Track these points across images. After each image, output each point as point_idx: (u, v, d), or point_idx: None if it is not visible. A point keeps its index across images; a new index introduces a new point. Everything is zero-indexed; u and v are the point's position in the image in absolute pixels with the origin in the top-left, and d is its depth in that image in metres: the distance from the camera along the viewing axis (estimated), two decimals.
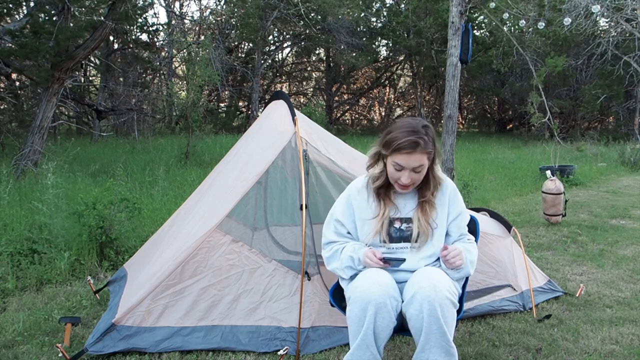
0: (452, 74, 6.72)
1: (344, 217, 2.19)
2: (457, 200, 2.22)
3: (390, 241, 2.12)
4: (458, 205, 2.21)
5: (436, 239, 2.14)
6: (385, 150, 2.05)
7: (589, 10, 11.69)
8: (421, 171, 2.04)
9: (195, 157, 10.04)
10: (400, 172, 2.03)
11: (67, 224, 4.18)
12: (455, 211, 2.20)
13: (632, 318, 3.08)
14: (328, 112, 21.66)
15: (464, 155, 12.63)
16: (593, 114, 20.67)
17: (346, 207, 2.19)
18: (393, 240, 2.12)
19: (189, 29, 20.93)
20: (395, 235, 2.13)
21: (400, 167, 2.02)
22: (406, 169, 2.02)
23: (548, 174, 6.05)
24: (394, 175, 2.06)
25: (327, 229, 2.24)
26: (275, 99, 3.35)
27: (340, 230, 2.20)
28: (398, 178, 2.04)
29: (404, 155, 1.99)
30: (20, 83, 13.92)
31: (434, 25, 17.64)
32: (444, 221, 2.17)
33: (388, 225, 2.12)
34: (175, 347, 2.56)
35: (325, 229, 2.25)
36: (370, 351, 1.95)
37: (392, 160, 2.03)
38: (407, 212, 2.14)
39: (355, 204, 2.17)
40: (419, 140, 1.98)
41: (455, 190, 2.22)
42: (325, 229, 2.25)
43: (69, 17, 7.69)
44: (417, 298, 1.90)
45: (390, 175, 2.08)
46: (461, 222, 2.23)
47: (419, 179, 2.06)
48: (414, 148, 1.98)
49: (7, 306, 3.25)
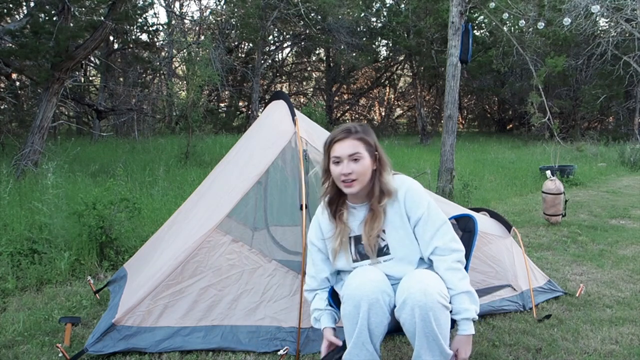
0: (452, 74, 6.73)
1: (316, 239, 2.20)
2: (415, 202, 2.07)
3: (362, 259, 2.11)
4: (418, 209, 2.06)
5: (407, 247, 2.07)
6: (326, 154, 2.09)
7: (589, 10, 11.68)
8: (360, 160, 2.02)
9: (195, 157, 10.04)
10: (339, 165, 2.03)
11: (67, 224, 4.18)
12: (416, 214, 2.06)
13: (632, 318, 3.08)
14: (328, 112, 21.65)
15: (464, 155, 12.63)
16: (593, 114, 20.68)
17: (317, 229, 2.20)
18: (364, 258, 2.11)
19: (189, 29, 20.92)
20: (363, 252, 2.11)
21: (338, 158, 2.03)
22: (343, 159, 2.02)
23: (548, 174, 6.05)
24: (335, 173, 2.04)
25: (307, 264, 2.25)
26: (275, 99, 3.35)
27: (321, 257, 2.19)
28: (339, 173, 2.02)
29: (338, 144, 2.04)
30: (20, 83, 13.94)
31: (434, 25, 17.62)
32: (406, 227, 2.07)
33: (354, 243, 2.12)
34: (175, 347, 2.56)
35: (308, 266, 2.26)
36: (366, 348, 1.95)
37: (331, 158, 2.05)
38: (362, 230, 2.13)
39: (322, 224, 2.18)
40: (350, 128, 2.06)
41: (411, 190, 2.08)
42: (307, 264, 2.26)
43: (69, 17, 7.69)
44: (408, 303, 1.88)
45: (335, 177, 2.05)
46: (426, 226, 2.05)
47: (361, 170, 2.01)
48: (346, 134, 2.04)
49: (7, 306, 3.25)
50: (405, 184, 2.10)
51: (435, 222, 2.07)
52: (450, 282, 2.00)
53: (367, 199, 2.10)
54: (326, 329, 2.12)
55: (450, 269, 2.01)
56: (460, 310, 1.98)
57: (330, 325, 2.13)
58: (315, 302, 2.18)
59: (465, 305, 1.98)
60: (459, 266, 2.03)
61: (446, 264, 2.02)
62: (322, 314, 2.14)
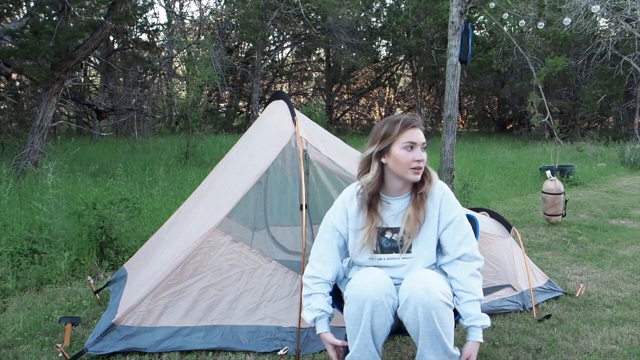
0: (452, 74, 6.73)
1: (341, 225, 2.13)
2: (450, 204, 2.10)
3: (382, 252, 2.10)
4: (451, 212, 2.09)
5: (429, 248, 2.08)
6: (385, 141, 2.02)
7: (589, 10, 11.68)
8: (425, 150, 2.06)
9: (195, 157, 10.04)
10: (412, 151, 2.01)
11: (67, 224, 4.18)
12: (447, 218, 2.08)
13: (632, 318, 3.08)
14: (328, 112, 21.65)
15: (464, 155, 12.63)
16: (593, 114, 20.68)
17: (343, 215, 2.13)
18: (384, 251, 2.10)
19: (189, 29, 20.91)
20: (386, 246, 2.10)
21: (412, 143, 2.01)
22: (417, 145, 2.02)
23: (548, 174, 6.05)
24: (406, 159, 2.00)
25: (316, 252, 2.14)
26: (275, 99, 3.35)
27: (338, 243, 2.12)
28: (412, 158, 2.00)
29: (412, 130, 2.02)
30: (20, 83, 13.94)
31: (434, 25, 17.63)
32: (434, 228, 2.08)
33: (378, 236, 2.09)
34: (175, 347, 2.56)
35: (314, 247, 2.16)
36: (369, 350, 1.95)
37: (402, 143, 2.01)
38: (397, 222, 2.09)
39: (350, 213, 2.12)
40: (417, 118, 2.06)
41: (448, 193, 2.12)
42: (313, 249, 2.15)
43: (69, 17, 7.69)
44: (411, 302, 1.88)
45: (402, 162, 2.01)
46: (457, 230, 2.08)
47: (426, 160, 2.05)
48: (418, 122, 2.05)
49: (7, 306, 3.25)
50: (442, 186, 2.14)
51: (464, 228, 2.11)
52: (471, 287, 2.03)
53: (408, 190, 2.09)
54: (327, 333, 2.06)
55: (473, 275, 2.06)
56: (479, 316, 2.01)
57: (328, 330, 2.08)
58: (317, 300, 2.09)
59: (479, 312, 2.02)
60: (479, 274, 2.08)
61: (471, 269, 2.06)
62: (323, 315, 2.07)
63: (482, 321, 2.01)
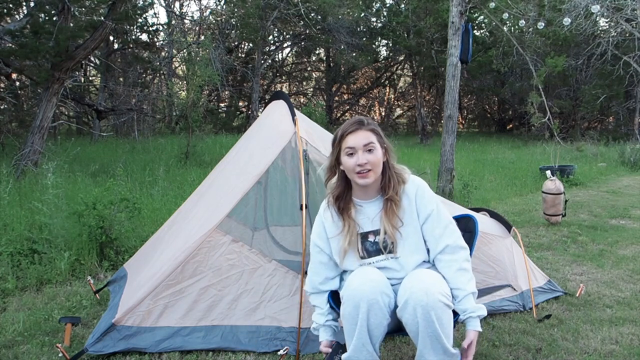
0: (452, 74, 6.74)
1: (320, 239, 2.17)
2: (425, 199, 2.11)
3: (369, 255, 2.11)
4: (427, 205, 2.10)
5: (415, 244, 2.09)
6: (336, 147, 2.08)
7: (589, 10, 11.68)
8: (373, 150, 2.03)
9: (195, 157, 10.04)
10: (353, 156, 2.03)
11: (67, 224, 4.18)
12: (425, 212, 2.10)
13: (632, 318, 3.08)
14: (328, 112, 21.66)
15: (464, 155, 12.64)
16: (593, 114, 20.68)
17: (321, 229, 2.18)
18: (371, 255, 2.11)
19: (189, 29, 20.92)
20: (371, 249, 2.11)
21: (352, 149, 2.03)
22: (357, 149, 2.02)
23: (548, 174, 6.05)
24: (350, 165, 2.03)
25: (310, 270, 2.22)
26: (275, 99, 3.35)
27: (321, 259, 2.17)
28: (354, 164, 2.02)
29: (351, 135, 2.04)
30: (20, 83, 13.94)
31: (434, 25, 17.62)
32: (415, 224, 2.10)
33: (361, 240, 2.11)
34: (175, 347, 2.56)
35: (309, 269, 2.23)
36: (366, 349, 1.95)
37: (344, 150, 2.05)
38: (375, 224, 2.11)
39: (326, 224, 2.16)
40: (362, 120, 2.08)
41: (421, 187, 2.13)
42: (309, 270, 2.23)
43: (69, 17, 7.69)
44: (410, 303, 1.88)
45: (348, 169, 2.05)
46: (435, 223, 2.09)
47: (375, 160, 2.03)
48: (358, 126, 2.05)
49: (7, 306, 3.25)
50: (415, 181, 2.15)
51: (443, 219, 2.11)
52: (460, 283, 2.03)
53: (378, 193, 2.12)
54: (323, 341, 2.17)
55: (460, 269, 2.05)
56: (474, 309, 2.02)
57: (328, 338, 2.16)
58: (314, 315, 2.21)
59: (474, 304, 2.03)
60: (468, 266, 2.08)
61: (457, 264, 2.06)
62: (319, 327, 2.18)
63: (477, 312, 2.02)
